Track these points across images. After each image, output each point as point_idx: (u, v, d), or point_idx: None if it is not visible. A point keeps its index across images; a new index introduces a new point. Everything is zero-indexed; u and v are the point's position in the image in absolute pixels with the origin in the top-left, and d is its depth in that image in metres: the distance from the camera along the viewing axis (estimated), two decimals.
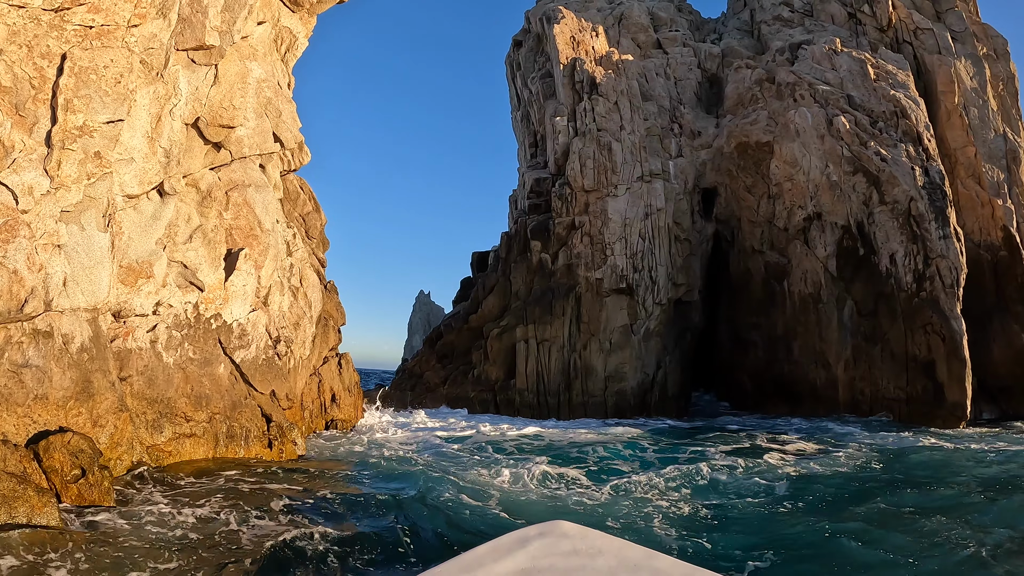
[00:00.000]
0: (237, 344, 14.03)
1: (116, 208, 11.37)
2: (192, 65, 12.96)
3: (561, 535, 3.06)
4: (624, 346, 28.52)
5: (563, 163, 31.62)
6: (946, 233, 24.63)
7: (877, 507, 10.46)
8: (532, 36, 39.31)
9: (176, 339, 12.56)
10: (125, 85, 10.89)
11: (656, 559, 2.93)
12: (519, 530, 3.15)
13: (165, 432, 11.82)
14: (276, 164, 16.88)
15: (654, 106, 33.38)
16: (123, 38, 10.98)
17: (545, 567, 2.76)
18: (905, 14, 33.72)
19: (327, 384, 18.65)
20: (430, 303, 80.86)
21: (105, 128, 10.68)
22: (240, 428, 13.26)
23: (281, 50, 17.21)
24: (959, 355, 23.49)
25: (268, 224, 15.31)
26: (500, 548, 2.93)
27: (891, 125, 27.57)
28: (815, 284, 27.63)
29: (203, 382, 12.87)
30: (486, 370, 28.69)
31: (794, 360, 28.11)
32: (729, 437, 19.91)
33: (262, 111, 15.65)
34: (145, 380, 11.76)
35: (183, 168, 13.14)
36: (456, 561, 2.84)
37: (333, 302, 19.82)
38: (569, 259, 29.57)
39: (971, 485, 12.18)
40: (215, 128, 13.80)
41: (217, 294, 13.61)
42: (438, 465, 13.91)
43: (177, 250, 12.83)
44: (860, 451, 16.52)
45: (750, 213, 30.79)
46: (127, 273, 11.68)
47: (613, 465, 14.69)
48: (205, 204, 13.80)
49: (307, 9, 17.56)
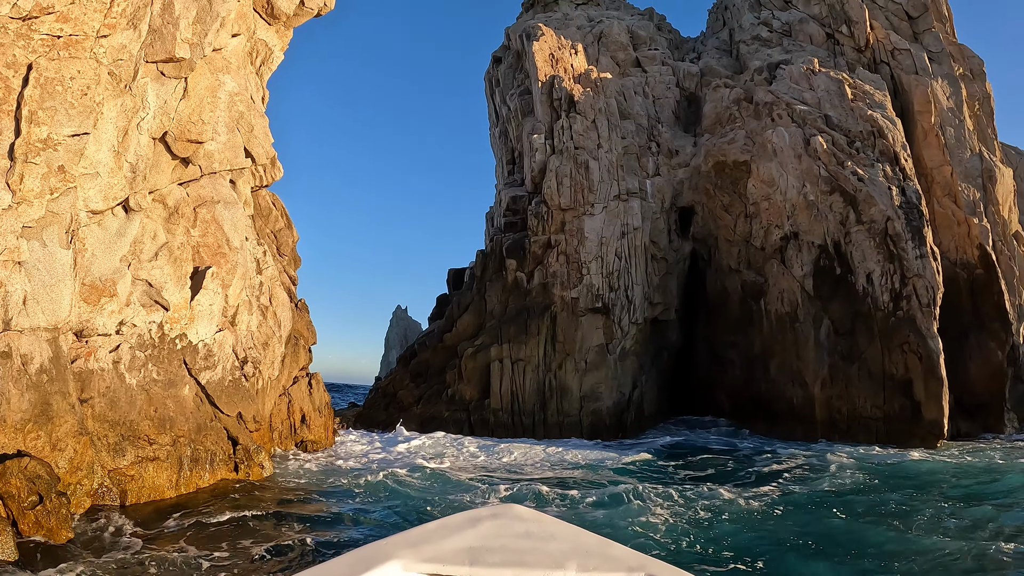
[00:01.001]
0: (203, 365, 13.64)
1: (79, 224, 11.01)
2: (161, 78, 12.63)
3: (515, 517, 3.02)
4: (600, 366, 28.27)
5: (540, 181, 31.43)
6: (923, 252, 24.65)
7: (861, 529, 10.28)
8: (512, 53, 39.20)
9: (140, 360, 12.17)
10: (92, 97, 10.56)
11: (611, 547, 2.88)
12: (471, 510, 3.11)
13: (127, 456, 11.41)
14: (247, 180, 16.55)
15: (632, 124, 33.31)
16: (91, 49, 10.67)
17: (495, 547, 2.70)
18: (883, 35, 33.97)
19: (297, 405, 18.27)
20: (407, 318, 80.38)
21: (70, 141, 10.34)
22: (205, 452, 12.86)
23: (256, 63, 16.90)
24: (936, 374, 23.46)
25: (237, 242, 14.96)
26: (450, 526, 2.89)
27: (868, 145, 27.64)
28: (792, 303, 27.54)
29: (167, 404, 12.47)
30: (460, 389, 28.31)
31: (771, 379, 27.97)
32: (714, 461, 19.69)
33: (234, 125, 15.32)
34: (107, 402, 11.36)
35: (150, 184, 12.79)
36: (404, 536, 2.78)
37: (304, 321, 19.46)
38: (545, 278, 29.31)
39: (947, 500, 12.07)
40: (183, 143, 13.46)
41: (183, 313, 13.23)
42: (412, 493, 13.57)
43: (142, 268, 12.45)
44: (846, 474, 16.35)
45: (727, 232, 30.72)
46: (90, 291, 11.29)
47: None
48: (172, 221, 13.44)
49: (283, 22, 17.28)
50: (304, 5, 17.72)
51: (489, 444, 22.60)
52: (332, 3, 18.61)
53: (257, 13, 16.53)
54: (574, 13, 41.87)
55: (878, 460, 18.97)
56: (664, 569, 2.73)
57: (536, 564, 2.60)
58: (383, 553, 2.55)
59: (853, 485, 14.99)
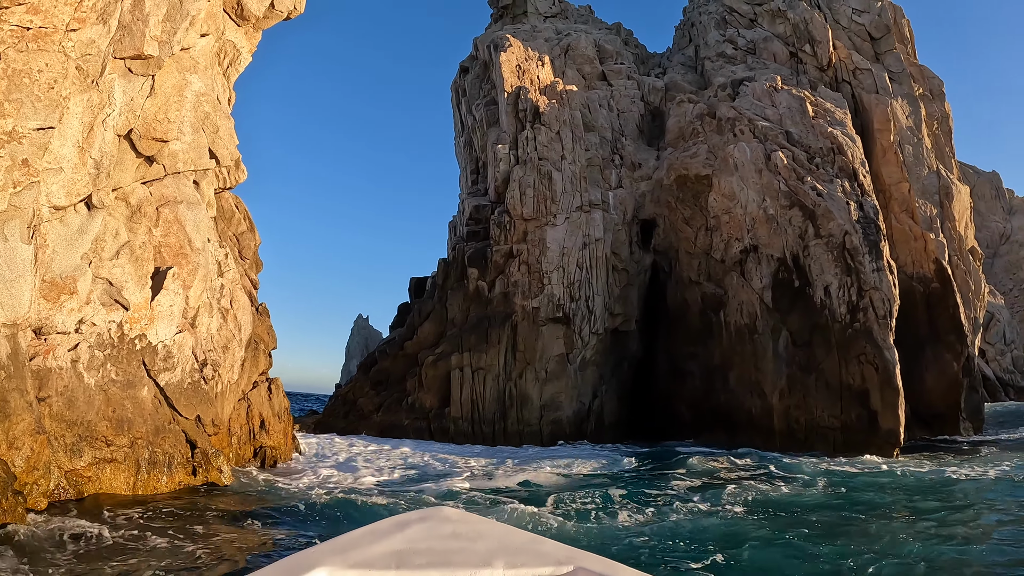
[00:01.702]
0: (162, 367, 13.47)
1: (42, 219, 10.83)
2: (129, 74, 12.49)
3: (443, 519, 3.06)
4: (560, 375, 28.39)
5: (503, 191, 31.53)
6: (879, 266, 25.14)
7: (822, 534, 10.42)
8: (479, 63, 39.35)
9: (98, 359, 11.98)
10: (59, 91, 10.41)
11: (539, 543, 2.90)
12: (401, 515, 3.12)
13: (85, 457, 11.22)
14: (211, 181, 16.40)
15: (596, 137, 33.57)
16: (60, 42, 10.51)
17: (423, 549, 2.70)
18: (845, 54, 34.70)
19: (256, 410, 18.06)
20: (368, 327, 79.71)
21: (35, 135, 10.18)
22: (163, 454, 12.68)
23: (223, 64, 16.78)
24: (892, 384, 23.89)
25: (199, 243, 14.81)
26: (378, 531, 2.89)
27: (828, 161, 28.16)
28: (751, 315, 27.89)
29: (125, 405, 12.29)
30: (420, 398, 28.24)
31: (730, 389, 28.27)
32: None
33: (199, 126, 15.19)
34: (65, 401, 11.17)
35: (113, 181, 12.62)
36: (332, 543, 2.79)
37: (264, 325, 19.27)
38: (506, 287, 29.38)
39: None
40: (148, 141, 13.32)
41: (143, 313, 13.06)
42: (365, 506, 13.44)
43: (103, 266, 12.28)
44: (803, 482, 16.54)
45: (688, 244, 31.05)
46: (50, 288, 11.11)
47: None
48: (134, 219, 13.27)
49: (253, 24, 17.18)
50: (274, 7, 17.63)
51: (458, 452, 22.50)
52: (302, 7, 18.55)
53: (227, 14, 16.42)
54: (542, 26, 42.20)
55: (831, 469, 19.20)
56: (594, 561, 2.75)
57: (463, 564, 2.62)
58: (309, 561, 2.56)
59: (802, 496, 15.16)
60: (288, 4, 18.23)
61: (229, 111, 17.07)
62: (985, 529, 11.54)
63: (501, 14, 45.59)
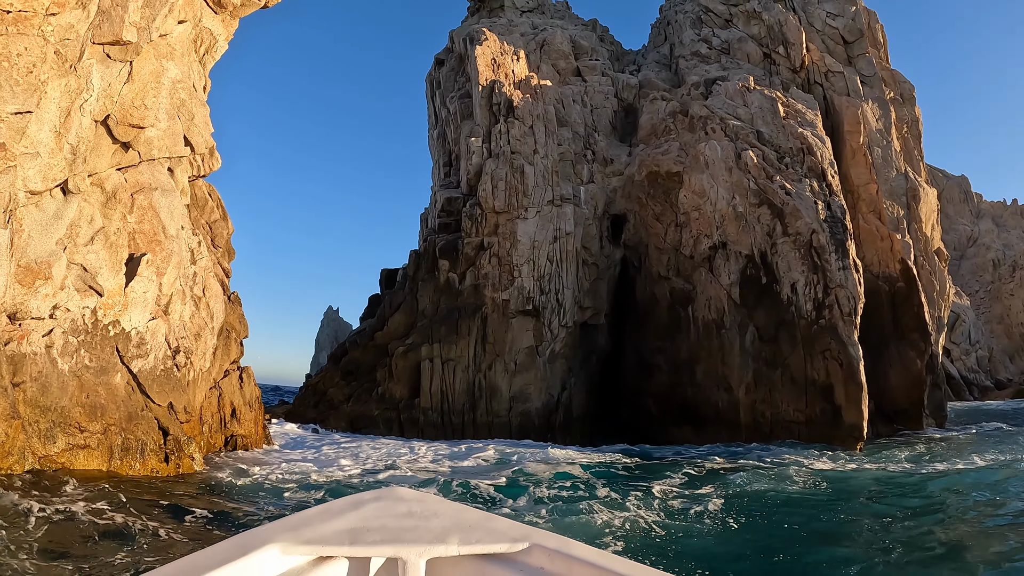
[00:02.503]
0: (135, 353, 13.47)
1: (17, 204, 10.81)
2: (107, 60, 12.46)
3: (397, 499, 3.04)
4: (529, 367, 28.60)
5: (475, 183, 31.65)
6: (845, 264, 25.58)
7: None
8: (454, 56, 39.37)
9: (72, 345, 11.98)
10: (37, 76, 10.40)
11: (493, 520, 2.90)
12: (354, 495, 3.10)
13: (58, 442, 11.22)
14: (185, 168, 16.36)
15: (569, 132, 33.77)
16: (40, 26, 10.50)
17: (375, 527, 2.71)
18: (818, 56, 35.17)
19: (227, 398, 18.08)
20: (339, 319, 79.56)
21: (12, 119, 10.16)
22: (136, 441, 12.70)
23: (200, 51, 16.73)
24: (856, 379, 24.35)
25: (173, 230, 14.80)
26: (331, 510, 2.88)
27: (797, 161, 28.57)
28: (719, 310, 28.27)
29: (99, 391, 12.30)
30: (390, 388, 28.32)
31: (697, 384, 28.64)
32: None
33: (175, 113, 15.16)
34: (39, 387, 11.16)
35: (89, 166, 12.60)
36: (284, 521, 2.75)
37: (236, 314, 19.26)
38: (477, 279, 29.53)
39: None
40: (125, 127, 13.29)
41: (116, 300, 13.05)
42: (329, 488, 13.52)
43: (78, 252, 12.26)
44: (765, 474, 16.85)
45: (658, 240, 31.36)
46: (25, 273, 11.08)
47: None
48: (109, 206, 13.24)
49: (230, 11, 17.14)
50: None
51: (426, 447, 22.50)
52: None
53: (204, 1, 16.37)
54: (519, 20, 42.29)
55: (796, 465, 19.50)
56: (548, 538, 2.78)
57: (417, 540, 2.65)
58: (261, 538, 2.57)
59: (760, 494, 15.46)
60: None
61: (205, 99, 17.04)
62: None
63: (478, 7, 45.62)
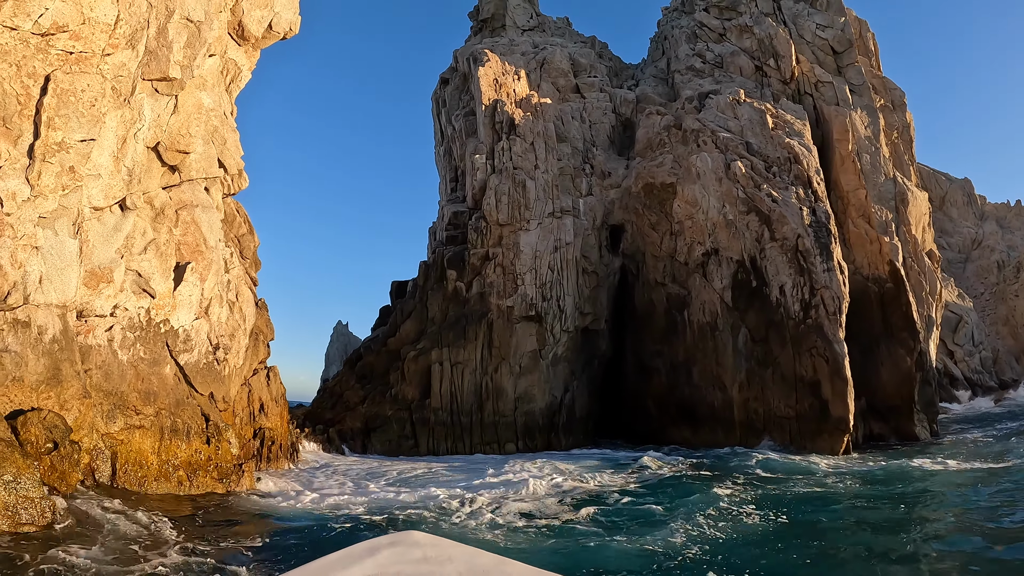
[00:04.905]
0: (182, 348, 15.33)
1: (84, 218, 12.69)
2: (156, 94, 14.39)
3: (412, 544, 3.07)
4: (533, 370, 30.34)
5: (480, 198, 33.51)
6: (830, 266, 27.17)
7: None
8: (459, 75, 41.33)
9: (130, 339, 13.84)
10: (98, 108, 12.30)
11: (507, 564, 2.94)
12: (371, 540, 3.14)
13: (118, 422, 13.07)
14: (219, 188, 18.26)
15: (568, 147, 35.64)
16: (98, 65, 12.40)
17: (392, 574, 2.75)
18: (808, 68, 36.85)
19: (256, 394, 19.92)
20: (348, 334, 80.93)
21: (80, 146, 12.05)
22: (183, 424, 14.54)
23: (226, 81, 18.65)
24: (841, 375, 25.87)
25: (212, 242, 16.68)
26: (350, 556, 2.90)
27: (784, 170, 30.25)
28: (712, 314, 29.98)
29: (151, 380, 14.16)
30: (403, 390, 30.08)
31: (694, 384, 30.31)
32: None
33: (209, 138, 17.07)
34: (103, 374, 13.03)
35: (143, 186, 14.51)
36: (303, 569, 2.78)
37: (263, 318, 21.12)
38: (482, 288, 31.35)
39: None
40: (173, 152, 15.21)
41: (166, 301, 14.92)
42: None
43: (133, 260, 14.14)
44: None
45: (654, 248, 33.12)
46: (90, 277, 12.97)
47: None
48: (158, 220, 15.14)
49: (252, 44, 19.07)
50: (272, 28, 19.52)
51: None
52: (297, 28, 20.44)
53: (230, 35, 18.30)
54: (520, 39, 44.24)
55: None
56: None
57: None
58: None
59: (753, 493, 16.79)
60: (284, 26, 20.13)
61: (234, 124, 18.95)
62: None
63: (480, 27, 47.65)
